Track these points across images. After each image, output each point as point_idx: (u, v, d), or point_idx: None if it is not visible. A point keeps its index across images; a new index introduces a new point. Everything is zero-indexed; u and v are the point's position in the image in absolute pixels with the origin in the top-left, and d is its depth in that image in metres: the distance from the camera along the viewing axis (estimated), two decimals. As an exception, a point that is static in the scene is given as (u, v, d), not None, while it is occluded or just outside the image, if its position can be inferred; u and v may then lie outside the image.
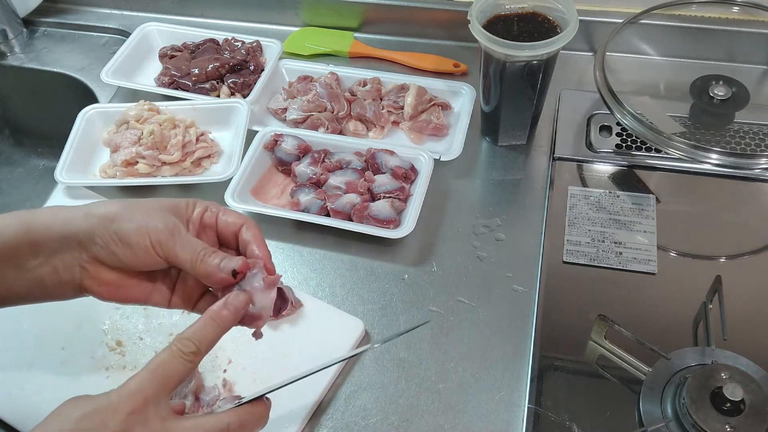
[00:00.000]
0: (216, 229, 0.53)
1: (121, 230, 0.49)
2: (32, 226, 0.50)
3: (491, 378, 0.67)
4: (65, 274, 0.50)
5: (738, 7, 0.93)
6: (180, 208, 0.52)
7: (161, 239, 0.49)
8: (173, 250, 0.49)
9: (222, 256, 0.50)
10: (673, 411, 0.60)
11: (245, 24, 1.08)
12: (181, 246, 0.49)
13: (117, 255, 0.49)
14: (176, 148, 0.85)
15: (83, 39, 1.10)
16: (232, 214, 0.53)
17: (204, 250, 0.49)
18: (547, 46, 0.75)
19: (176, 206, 0.52)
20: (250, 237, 0.52)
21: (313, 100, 0.91)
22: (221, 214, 0.53)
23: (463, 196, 0.84)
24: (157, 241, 0.49)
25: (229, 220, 0.52)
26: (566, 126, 0.87)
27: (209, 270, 0.49)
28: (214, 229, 0.53)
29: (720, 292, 0.68)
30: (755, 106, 0.85)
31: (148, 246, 0.49)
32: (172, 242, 0.49)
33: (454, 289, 0.75)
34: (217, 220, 0.52)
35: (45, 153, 1.14)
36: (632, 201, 0.80)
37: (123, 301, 0.52)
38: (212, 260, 0.49)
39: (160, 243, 0.49)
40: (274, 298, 0.52)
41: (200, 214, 0.52)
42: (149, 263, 0.50)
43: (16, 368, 0.70)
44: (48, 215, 0.51)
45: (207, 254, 0.49)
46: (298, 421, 0.64)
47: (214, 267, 0.49)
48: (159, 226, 0.49)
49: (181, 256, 0.49)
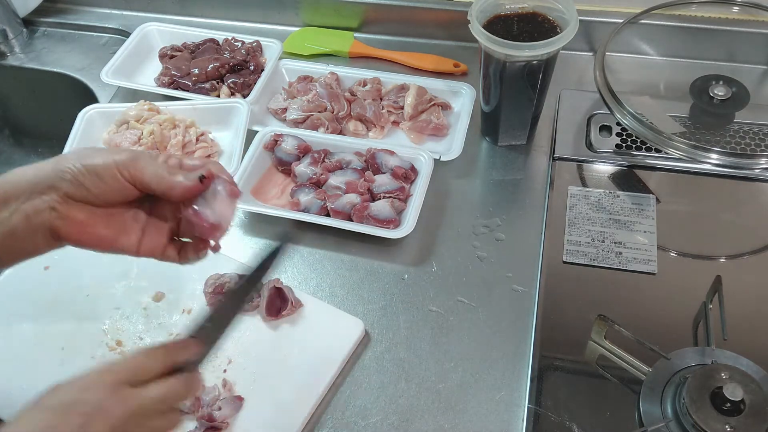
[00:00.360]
0: None
1: (89, 163, 0.51)
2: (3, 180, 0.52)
3: (491, 378, 0.67)
4: (36, 218, 0.51)
5: (738, 7, 0.93)
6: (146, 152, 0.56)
7: (128, 164, 0.51)
8: (139, 171, 0.51)
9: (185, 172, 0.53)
10: (673, 411, 0.60)
11: (245, 24, 1.09)
12: (146, 167, 0.52)
13: (85, 185, 0.51)
14: (176, 148, 0.85)
15: (83, 39, 1.10)
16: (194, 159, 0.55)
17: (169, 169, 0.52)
18: (547, 46, 0.75)
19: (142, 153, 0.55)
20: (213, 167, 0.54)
21: (313, 100, 0.91)
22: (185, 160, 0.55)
23: (463, 196, 0.84)
24: (124, 165, 0.51)
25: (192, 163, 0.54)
26: (566, 126, 0.87)
27: (174, 182, 0.52)
28: None
29: (720, 292, 0.68)
30: (755, 106, 0.85)
31: (114, 172, 0.51)
32: (138, 165, 0.51)
33: (454, 289, 0.75)
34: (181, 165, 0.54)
35: (45, 153, 1.14)
36: (632, 201, 0.80)
37: (91, 242, 0.53)
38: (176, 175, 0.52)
39: (126, 167, 0.51)
40: (234, 209, 0.54)
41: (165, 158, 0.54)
42: (118, 191, 0.52)
43: (16, 368, 0.70)
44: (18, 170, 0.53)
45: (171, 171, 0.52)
46: (298, 421, 0.64)
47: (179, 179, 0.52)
48: (125, 154, 0.52)
49: (147, 176, 0.51)
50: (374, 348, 0.70)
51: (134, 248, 0.54)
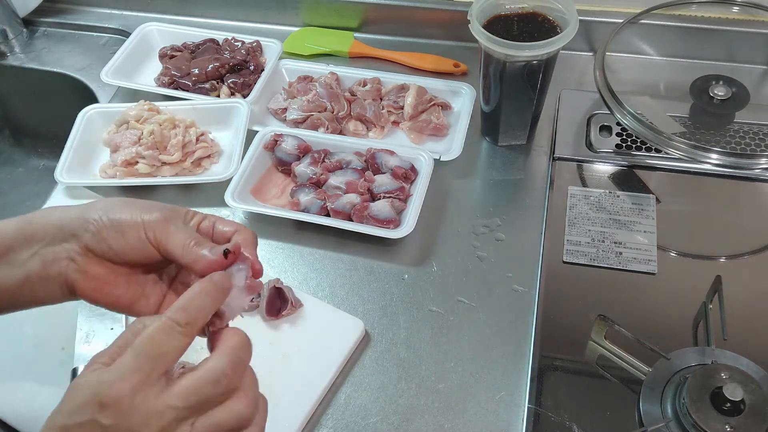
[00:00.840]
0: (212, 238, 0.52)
1: (115, 217, 0.49)
2: (30, 220, 0.50)
3: (491, 378, 0.67)
4: (53, 267, 0.49)
5: (738, 7, 0.93)
6: (179, 210, 0.52)
7: (155, 226, 0.49)
8: (165, 237, 0.48)
9: (213, 245, 0.49)
10: (673, 411, 0.60)
11: (245, 24, 1.09)
12: (173, 233, 0.49)
13: (108, 242, 0.48)
14: (176, 148, 0.85)
15: (83, 39, 1.10)
16: (228, 223, 0.52)
17: (196, 239, 0.49)
18: (547, 46, 0.75)
19: (175, 207, 0.52)
20: (241, 240, 0.51)
21: (313, 100, 0.91)
22: (218, 224, 0.52)
23: (463, 196, 0.84)
24: (151, 227, 0.49)
25: (225, 228, 0.52)
26: (566, 126, 0.87)
27: (199, 255, 0.48)
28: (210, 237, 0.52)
29: (720, 292, 0.68)
30: (755, 106, 0.85)
31: (140, 232, 0.48)
32: (166, 229, 0.49)
33: (454, 289, 0.75)
34: (213, 228, 0.52)
35: (45, 153, 1.14)
36: (632, 201, 0.80)
37: (107, 301, 0.50)
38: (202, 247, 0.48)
39: (153, 229, 0.49)
40: (246, 304, 0.49)
41: (198, 221, 0.52)
42: (140, 251, 0.49)
43: (16, 368, 0.70)
44: (48, 211, 0.51)
45: (198, 243, 0.49)
46: (298, 421, 0.64)
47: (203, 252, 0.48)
48: (155, 214, 0.49)
49: (171, 243, 0.48)
50: (374, 348, 0.70)
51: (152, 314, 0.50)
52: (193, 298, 0.45)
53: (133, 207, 0.50)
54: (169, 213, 0.50)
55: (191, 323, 0.44)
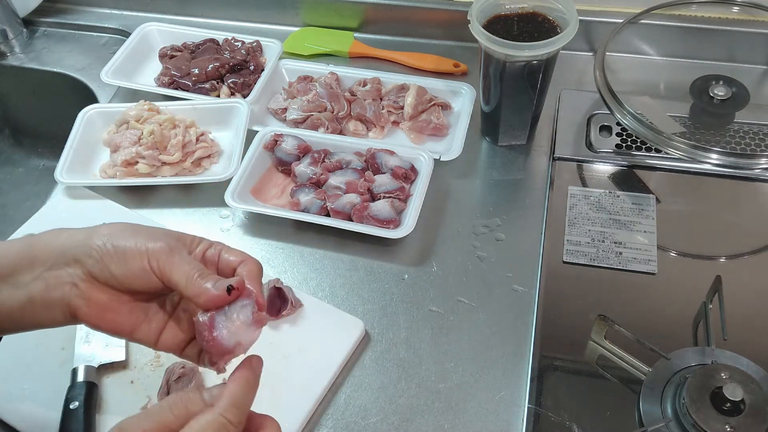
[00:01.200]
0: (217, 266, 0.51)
1: (119, 244, 0.48)
2: (34, 243, 0.49)
3: (491, 378, 0.67)
4: (55, 291, 0.48)
5: (738, 7, 0.93)
6: (185, 237, 0.51)
7: (159, 256, 0.48)
8: (169, 268, 0.47)
9: (217, 278, 0.48)
10: (673, 411, 0.60)
11: (245, 24, 1.09)
12: (178, 264, 0.48)
13: (111, 269, 0.48)
14: (176, 148, 0.85)
15: (83, 39, 1.10)
16: (234, 252, 0.51)
17: (200, 271, 0.48)
18: (547, 46, 0.75)
19: (181, 235, 0.51)
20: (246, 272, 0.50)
21: (313, 100, 0.91)
22: (224, 252, 0.51)
23: (463, 196, 0.84)
24: (155, 257, 0.48)
25: (230, 258, 0.50)
26: (566, 126, 0.87)
27: (202, 288, 0.47)
28: (215, 266, 0.51)
29: (720, 292, 0.68)
30: (755, 106, 0.85)
31: (144, 261, 0.48)
32: (170, 260, 0.48)
33: (454, 289, 0.75)
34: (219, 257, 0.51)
35: (45, 153, 1.14)
36: (632, 201, 0.80)
37: (109, 328, 0.50)
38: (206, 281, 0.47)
39: (157, 259, 0.47)
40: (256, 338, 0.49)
41: (204, 249, 0.51)
42: (143, 280, 0.48)
43: (16, 368, 0.70)
44: (52, 233, 0.50)
45: (202, 275, 0.48)
46: (298, 421, 0.64)
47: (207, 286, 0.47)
48: (160, 243, 0.48)
49: (175, 274, 0.47)
50: (374, 348, 0.70)
51: (153, 341, 0.51)
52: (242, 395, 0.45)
53: (138, 235, 0.49)
54: (174, 242, 0.49)
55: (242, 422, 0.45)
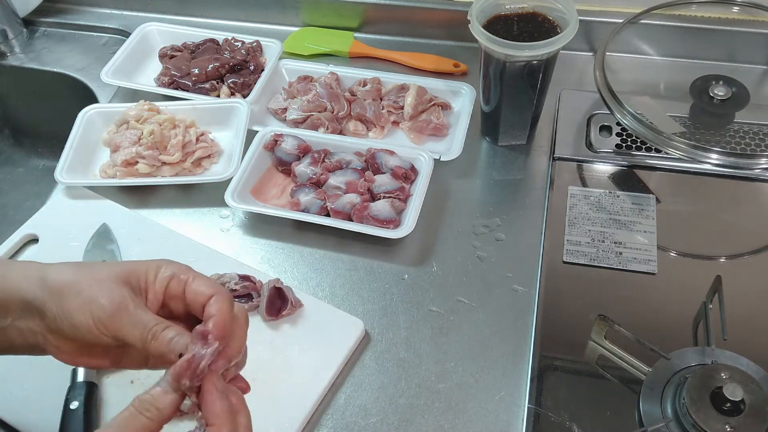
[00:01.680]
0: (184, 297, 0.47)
1: (65, 307, 0.45)
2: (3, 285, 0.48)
3: (491, 378, 0.67)
4: (30, 338, 0.48)
5: (738, 7, 0.93)
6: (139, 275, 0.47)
7: (103, 318, 0.44)
8: (120, 330, 0.44)
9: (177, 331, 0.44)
10: (673, 411, 0.60)
11: (245, 24, 1.08)
12: (128, 324, 0.44)
13: (65, 332, 0.46)
14: (176, 148, 0.85)
15: (83, 39, 1.10)
16: (203, 282, 0.47)
17: (156, 327, 0.44)
18: (547, 46, 0.75)
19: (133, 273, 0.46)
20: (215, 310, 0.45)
21: (313, 100, 0.91)
22: (191, 283, 0.46)
23: (463, 196, 0.84)
24: (99, 320, 0.44)
25: (198, 290, 0.46)
26: (566, 126, 0.87)
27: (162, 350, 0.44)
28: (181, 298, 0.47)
29: (720, 292, 0.68)
30: (755, 106, 0.85)
31: (90, 325, 0.44)
32: (118, 321, 0.44)
33: (454, 289, 0.75)
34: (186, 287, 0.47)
35: (45, 153, 1.14)
36: (632, 201, 0.80)
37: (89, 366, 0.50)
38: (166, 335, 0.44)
39: (102, 322, 0.44)
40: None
41: (164, 282, 0.47)
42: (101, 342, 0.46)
43: (16, 368, 0.70)
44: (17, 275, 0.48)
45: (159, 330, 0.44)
46: (298, 421, 0.64)
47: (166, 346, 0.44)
48: (102, 302, 0.44)
49: (129, 337, 0.44)
50: (374, 348, 0.70)
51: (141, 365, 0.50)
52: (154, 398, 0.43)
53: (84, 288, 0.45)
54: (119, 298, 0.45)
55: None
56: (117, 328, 0.44)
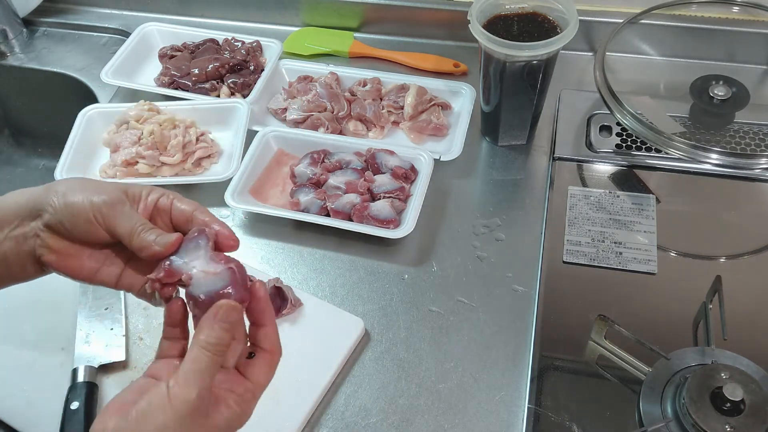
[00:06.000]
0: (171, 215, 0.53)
1: (68, 200, 0.50)
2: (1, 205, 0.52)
3: (491, 378, 0.67)
4: (24, 244, 0.51)
5: (738, 7, 0.93)
6: (134, 191, 0.53)
7: (103, 210, 0.50)
8: (113, 222, 0.50)
9: (159, 232, 0.50)
10: (673, 411, 0.60)
11: (245, 24, 1.09)
12: (121, 218, 0.50)
13: (63, 223, 0.50)
14: (177, 149, 0.85)
15: (83, 39, 1.10)
16: (186, 201, 0.53)
17: (143, 225, 0.50)
18: (547, 46, 0.75)
19: (130, 188, 0.53)
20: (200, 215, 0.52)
21: (313, 100, 0.91)
22: (176, 202, 0.52)
23: (463, 196, 0.84)
24: (99, 211, 0.50)
25: (183, 206, 0.52)
26: (566, 126, 0.87)
27: (146, 242, 0.49)
28: (168, 214, 0.53)
29: (720, 292, 0.68)
30: (755, 106, 0.85)
31: (89, 215, 0.50)
32: (113, 214, 0.50)
33: (454, 289, 0.75)
34: (171, 206, 0.53)
35: (45, 153, 1.14)
36: (632, 201, 0.80)
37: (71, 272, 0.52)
38: (149, 234, 0.49)
39: (101, 213, 0.50)
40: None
41: (155, 199, 0.53)
42: (92, 233, 0.51)
43: (16, 368, 0.70)
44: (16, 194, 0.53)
45: (145, 229, 0.50)
46: (298, 421, 0.64)
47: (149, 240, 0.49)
48: (104, 197, 0.50)
49: (119, 228, 0.50)
50: (374, 348, 0.70)
51: (113, 282, 0.53)
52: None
53: (86, 189, 0.51)
54: (120, 195, 0.51)
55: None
56: (111, 216, 0.50)
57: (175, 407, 0.43)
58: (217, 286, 0.46)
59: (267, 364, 0.50)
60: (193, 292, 0.47)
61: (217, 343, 0.45)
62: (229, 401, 0.47)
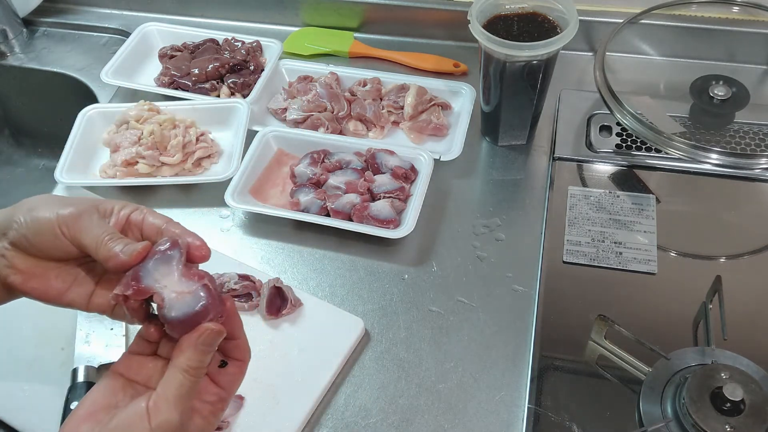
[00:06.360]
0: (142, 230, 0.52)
1: (34, 215, 0.49)
2: None
3: (491, 378, 0.67)
4: None
5: (738, 7, 0.93)
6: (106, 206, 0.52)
7: (68, 222, 0.49)
8: (79, 233, 0.48)
9: (127, 241, 0.48)
10: (673, 411, 0.60)
11: (245, 24, 1.09)
12: (87, 228, 0.49)
13: (29, 239, 0.49)
14: (177, 149, 0.85)
15: (83, 39, 1.10)
16: (158, 216, 0.51)
17: (110, 235, 0.48)
18: (547, 46, 0.75)
19: (101, 203, 0.52)
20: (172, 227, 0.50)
21: (313, 100, 0.91)
22: (148, 216, 0.51)
23: (463, 196, 0.84)
24: (64, 223, 0.49)
25: (154, 220, 0.51)
26: (566, 126, 0.87)
27: (112, 252, 0.48)
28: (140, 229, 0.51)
29: (720, 292, 0.68)
30: (755, 106, 0.85)
31: (55, 228, 0.49)
32: (78, 224, 0.49)
33: (454, 289, 0.75)
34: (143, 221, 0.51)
35: (45, 153, 1.14)
36: (632, 201, 0.80)
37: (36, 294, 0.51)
38: (115, 244, 0.48)
39: (67, 225, 0.49)
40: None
41: (127, 213, 0.51)
42: (59, 248, 0.49)
43: (16, 368, 0.70)
44: None
45: (112, 238, 0.48)
46: (298, 421, 0.64)
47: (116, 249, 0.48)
48: (71, 209, 0.49)
49: (85, 238, 0.48)
50: (374, 348, 0.70)
51: (84, 304, 0.52)
52: None
53: (54, 203, 0.50)
54: (85, 207, 0.50)
55: None
56: (77, 228, 0.48)
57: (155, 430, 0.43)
58: (192, 306, 0.45)
59: (239, 371, 0.50)
60: (167, 315, 0.45)
61: (199, 367, 0.45)
62: (204, 411, 0.47)
